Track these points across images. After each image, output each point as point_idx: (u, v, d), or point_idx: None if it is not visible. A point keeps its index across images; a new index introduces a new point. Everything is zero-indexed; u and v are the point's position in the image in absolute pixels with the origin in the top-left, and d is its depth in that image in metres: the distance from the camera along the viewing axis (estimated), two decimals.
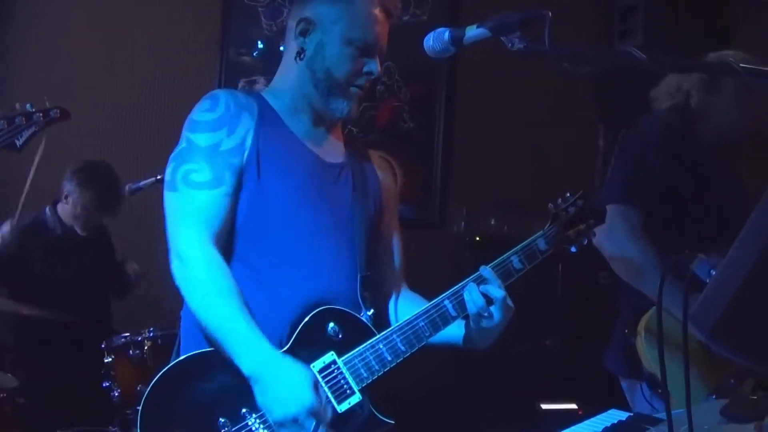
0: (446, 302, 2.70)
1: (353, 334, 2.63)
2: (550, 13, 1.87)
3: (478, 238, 6.08)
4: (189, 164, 2.59)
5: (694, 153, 3.61)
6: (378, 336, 2.64)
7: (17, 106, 2.96)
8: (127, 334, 4.64)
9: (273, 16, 6.63)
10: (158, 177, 4.83)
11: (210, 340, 2.52)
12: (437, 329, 2.68)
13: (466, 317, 2.75)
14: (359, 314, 2.71)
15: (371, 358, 2.59)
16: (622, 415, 2.46)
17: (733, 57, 3.49)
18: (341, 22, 2.70)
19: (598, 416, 2.48)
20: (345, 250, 2.75)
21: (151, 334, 4.56)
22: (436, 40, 2.15)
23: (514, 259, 2.81)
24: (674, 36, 5.53)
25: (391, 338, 2.62)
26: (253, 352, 2.45)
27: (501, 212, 6.16)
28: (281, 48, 2.95)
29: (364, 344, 2.61)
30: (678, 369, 1.84)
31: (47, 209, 5.33)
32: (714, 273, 1.72)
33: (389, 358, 2.60)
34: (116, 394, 4.51)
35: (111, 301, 5.58)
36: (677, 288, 1.89)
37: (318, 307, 2.62)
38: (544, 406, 5.38)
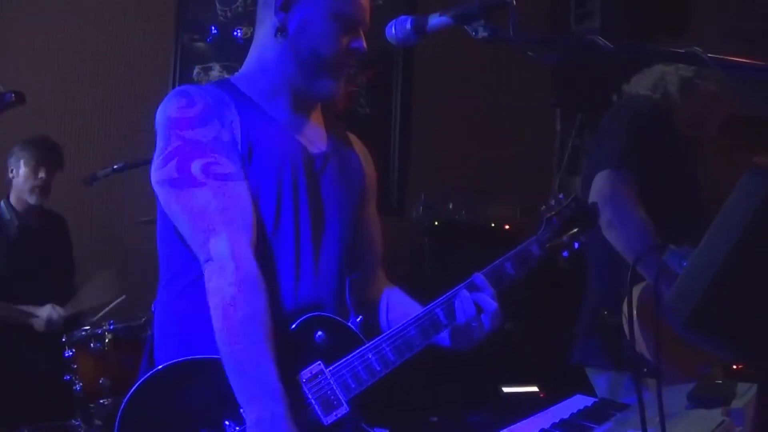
0: (437, 310, 2.54)
1: (341, 342, 2.45)
2: (514, 1, 1.86)
3: (436, 223, 6.10)
4: (203, 159, 2.33)
5: (674, 139, 3.63)
6: (367, 344, 2.46)
7: None
8: (88, 327, 4.61)
9: (227, 2, 6.58)
10: (115, 167, 4.79)
11: (224, 367, 2.26)
12: (428, 338, 2.52)
13: None
14: (347, 320, 2.55)
15: (360, 368, 2.41)
16: (588, 401, 2.46)
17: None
18: None
19: (563, 402, 2.48)
20: (329, 249, 2.56)
21: (111, 327, 4.53)
22: (398, 28, 2.13)
23: (507, 265, 2.67)
24: (631, 19, 5.56)
25: (380, 347, 2.45)
26: (264, 406, 2.19)
27: (459, 197, 6.18)
28: (235, 33, 2.78)
29: (353, 353, 2.43)
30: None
31: (2, 203, 5.27)
32: (686, 264, 1.72)
33: (378, 368, 2.43)
34: (78, 388, 4.47)
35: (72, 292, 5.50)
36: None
37: (302, 312, 2.46)
38: (506, 389, 5.41)
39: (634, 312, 3.26)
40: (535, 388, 5.41)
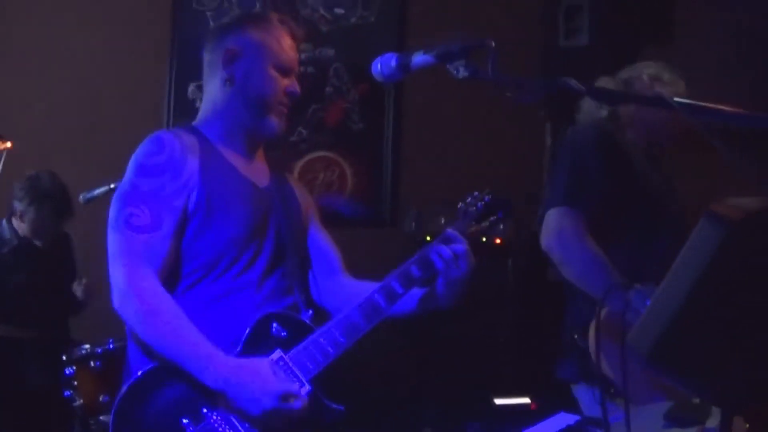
0: (375, 295, 2.85)
1: (296, 332, 2.79)
2: (493, 43, 1.95)
3: (428, 238, 6.14)
4: (130, 207, 2.74)
5: (628, 158, 3.66)
6: (318, 331, 2.80)
7: None
8: (87, 345, 4.66)
9: (222, 19, 6.60)
10: (111, 186, 4.86)
11: (169, 363, 2.66)
12: (371, 322, 2.83)
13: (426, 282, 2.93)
14: (299, 315, 2.90)
15: (315, 351, 2.75)
16: (571, 419, 2.54)
17: (650, 69, 3.60)
18: (264, 50, 2.94)
19: (547, 420, 2.56)
20: (286, 265, 2.95)
21: (111, 346, 4.58)
22: (383, 66, 2.24)
23: (432, 252, 2.93)
24: (619, 34, 5.63)
25: (330, 332, 2.79)
26: (212, 368, 2.61)
27: (451, 211, 6.22)
28: None
29: (306, 339, 2.77)
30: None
31: (3, 222, 5.31)
32: (649, 303, 1.81)
33: (331, 351, 2.76)
34: (78, 404, 4.53)
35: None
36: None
37: None
38: (498, 401, 5.46)
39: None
40: (527, 400, 5.46)
